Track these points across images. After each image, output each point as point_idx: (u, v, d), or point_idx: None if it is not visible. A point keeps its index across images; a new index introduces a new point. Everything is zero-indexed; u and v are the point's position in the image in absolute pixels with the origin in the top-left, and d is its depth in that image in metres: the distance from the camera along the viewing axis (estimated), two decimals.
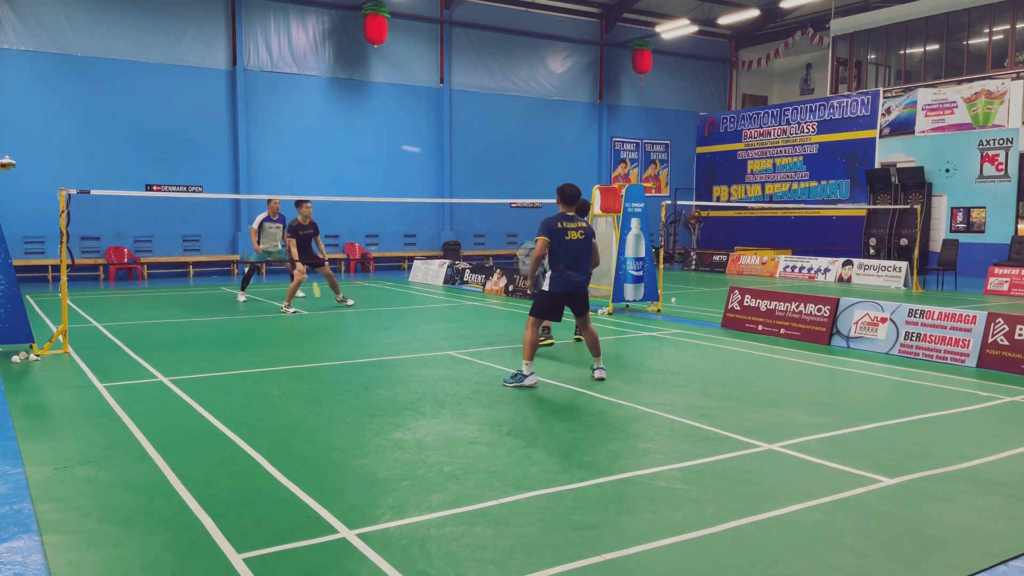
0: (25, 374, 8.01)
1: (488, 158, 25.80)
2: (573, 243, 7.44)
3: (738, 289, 11.55)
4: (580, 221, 7.56)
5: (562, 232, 7.41)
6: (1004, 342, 8.55)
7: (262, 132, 22.04)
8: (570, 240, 7.43)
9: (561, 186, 7.61)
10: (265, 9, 21.99)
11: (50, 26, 19.36)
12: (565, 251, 7.42)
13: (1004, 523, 4.26)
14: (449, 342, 10.07)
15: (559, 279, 7.49)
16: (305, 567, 3.66)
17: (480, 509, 4.35)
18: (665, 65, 29.29)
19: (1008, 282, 16.67)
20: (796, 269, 21.04)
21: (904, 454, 5.43)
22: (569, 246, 7.44)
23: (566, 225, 7.46)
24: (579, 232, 7.47)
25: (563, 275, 7.48)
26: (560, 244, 7.41)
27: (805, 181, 25.81)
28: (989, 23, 22.34)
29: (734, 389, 7.42)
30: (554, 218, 7.50)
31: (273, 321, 12.16)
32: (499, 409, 6.58)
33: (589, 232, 7.59)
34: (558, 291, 7.50)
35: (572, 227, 7.47)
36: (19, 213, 18.57)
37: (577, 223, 7.52)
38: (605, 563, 3.70)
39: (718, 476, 4.93)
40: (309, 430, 5.96)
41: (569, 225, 7.47)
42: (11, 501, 4.49)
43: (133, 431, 5.86)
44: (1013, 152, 20.69)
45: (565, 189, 7.57)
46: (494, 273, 16.69)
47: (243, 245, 21.79)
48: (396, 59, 23.95)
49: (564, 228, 7.43)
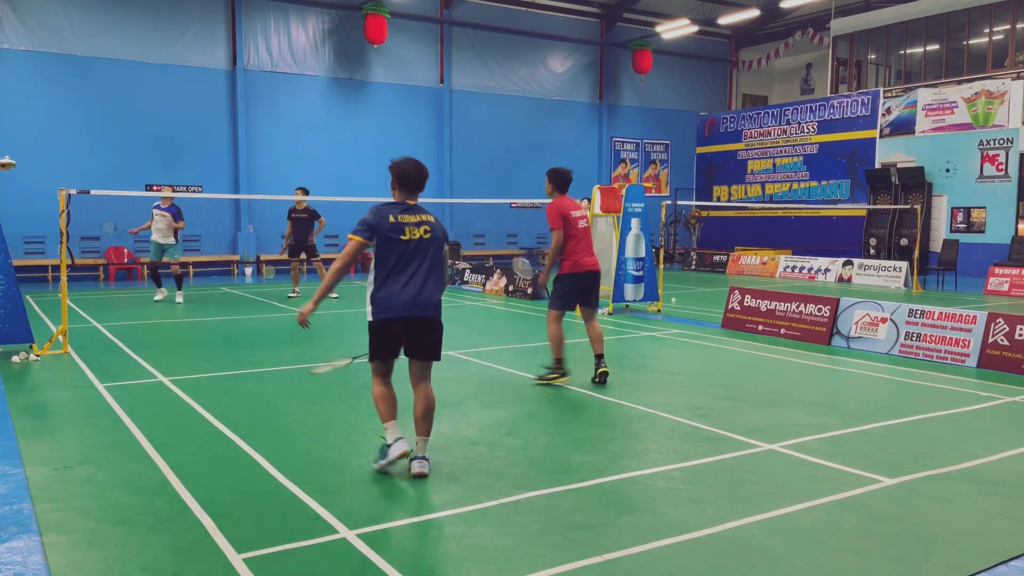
0: (25, 374, 8.01)
1: (488, 158, 25.80)
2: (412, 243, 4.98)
3: (738, 289, 11.54)
4: (425, 213, 5.12)
5: (396, 227, 4.95)
6: (1004, 342, 8.55)
7: (262, 132, 22.04)
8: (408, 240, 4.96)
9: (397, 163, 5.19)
10: (265, 9, 21.99)
11: (50, 26, 19.36)
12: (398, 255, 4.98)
13: (1004, 523, 4.26)
14: (449, 342, 10.02)
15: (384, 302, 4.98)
16: (305, 567, 3.66)
17: (480, 509, 4.35)
18: (665, 65, 29.28)
19: (1008, 282, 16.67)
20: (796, 269, 21.04)
21: (904, 454, 5.42)
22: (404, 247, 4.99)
23: (403, 219, 5.00)
24: (423, 230, 5.01)
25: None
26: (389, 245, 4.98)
27: (805, 181, 25.81)
28: (989, 23, 22.33)
29: (734, 389, 7.41)
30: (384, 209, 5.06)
31: (273, 321, 12.16)
32: (499, 409, 6.58)
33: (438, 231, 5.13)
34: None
35: (413, 221, 5.01)
36: (19, 213, 18.56)
37: (420, 215, 5.08)
38: (605, 563, 3.70)
39: (718, 476, 4.93)
40: (309, 430, 5.96)
41: (408, 219, 5.01)
42: (11, 501, 4.49)
43: (133, 431, 5.86)
44: (1013, 152, 20.69)
45: (404, 166, 5.16)
46: (494, 273, 16.69)
47: (243, 245, 21.80)
48: (396, 59, 23.94)
49: (400, 223, 4.98)
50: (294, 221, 14.88)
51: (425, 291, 4.96)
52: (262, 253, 22.08)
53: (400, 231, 4.92)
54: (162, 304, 14.28)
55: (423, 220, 5.03)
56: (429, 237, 5.01)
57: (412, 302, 4.90)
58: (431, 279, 5.01)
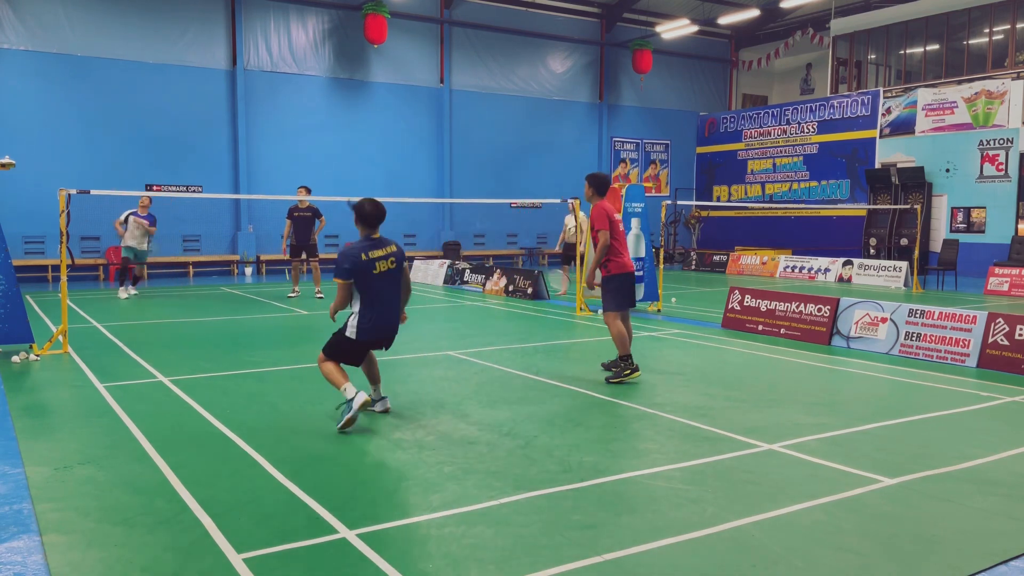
0: (25, 374, 8.01)
1: (488, 158, 25.80)
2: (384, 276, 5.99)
3: (738, 289, 11.54)
4: (388, 245, 6.06)
5: (369, 265, 5.91)
6: (1004, 342, 8.55)
7: (262, 132, 22.04)
8: (379, 274, 5.96)
9: (360, 204, 6.02)
10: (265, 9, 21.99)
11: (50, 26, 19.36)
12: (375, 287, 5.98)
13: (1004, 523, 4.26)
14: (449, 342, 10.06)
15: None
16: (305, 567, 3.66)
17: (480, 509, 4.35)
18: (665, 65, 29.29)
19: (1008, 282, 16.67)
20: (796, 269, 21.04)
21: (904, 454, 5.42)
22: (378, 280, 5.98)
23: (372, 255, 5.94)
24: (389, 261, 6.00)
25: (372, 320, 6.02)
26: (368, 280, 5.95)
27: (805, 181, 25.81)
28: (989, 23, 22.33)
29: (734, 389, 7.41)
30: (357, 248, 5.97)
31: (273, 321, 12.16)
32: (499, 409, 6.58)
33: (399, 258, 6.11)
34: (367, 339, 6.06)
35: (381, 255, 5.96)
36: (19, 213, 18.57)
37: (385, 248, 6.02)
38: (605, 563, 3.70)
39: (718, 476, 4.93)
40: (309, 430, 5.96)
41: (376, 254, 5.95)
42: (11, 501, 4.49)
43: (133, 431, 5.86)
44: (1013, 152, 20.69)
45: (365, 208, 5.99)
46: (494, 273, 16.69)
47: (243, 245, 21.80)
48: (396, 59, 23.95)
49: (371, 259, 5.93)
50: (297, 220, 14.78)
51: (395, 310, 6.12)
52: (262, 253, 22.09)
53: (372, 267, 5.92)
54: (162, 304, 14.28)
55: (389, 252, 6.03)
56: (395, 266, 6.05)
57: (389, 325, 6.09)
58: (398, 298, 6.16)
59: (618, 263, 7.77)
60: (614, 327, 7.75)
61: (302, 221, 14.78)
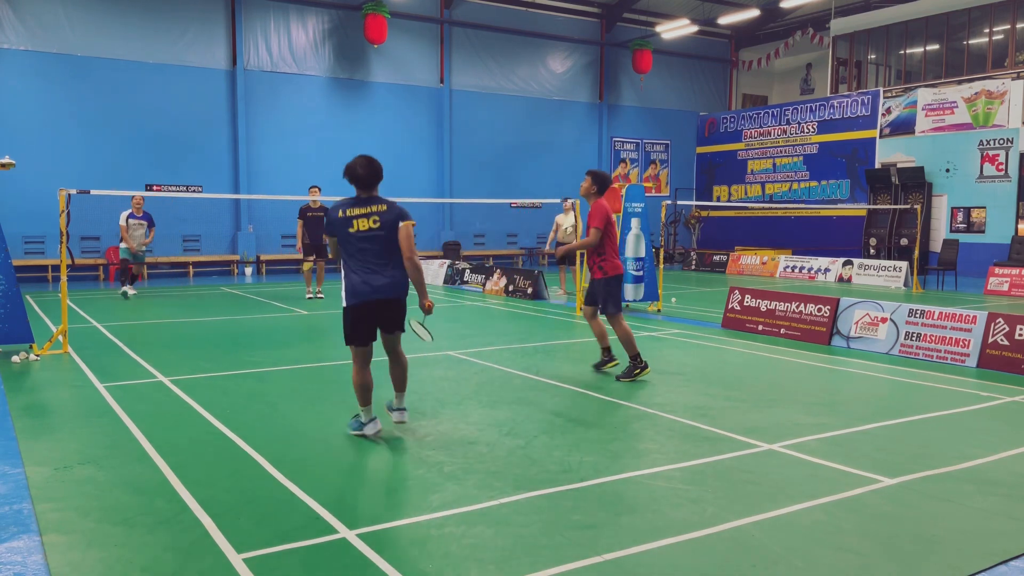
0: (25, 374, 8.01)
1: (488, 158, 25.80)
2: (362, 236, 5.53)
3: (738, 289, 11.54)
4: (376, 204, 5.57)
5: (345, 222, 5.53)
6: (1004, 342, 8.55)
7: (262, 132, 22.04)
8: (355, 233, 5.52)
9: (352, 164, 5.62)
10: (265, 9, 21.99)
11: (50, 26, 19.36)
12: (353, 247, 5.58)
13: (1004, 523, 4.26)
14: (449, 342, 10.06)
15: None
16: (305, 567, 3.66)
17: (480, 509, 4.35)
18: (665, 65, 29.28)
19: (1008, 282, 16.67)
20: (796, 269, 21.04)
21: (904, 454, 5.42)
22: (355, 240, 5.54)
23: (350, 213, 5.54)
24: (372, 220, 5.50)
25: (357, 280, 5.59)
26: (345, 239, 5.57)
27: (805, 181, 25.82)
28: (989, 23, 22.33)
29: (734, 389, 7.41)
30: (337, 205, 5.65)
31: (273, 321, 12.16)
32: (499, 409, 6.58)
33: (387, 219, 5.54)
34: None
35: (360, 213, 5.52)
36: (19, 213, 18.57)
37: (369, 207, 5.55)
38: (605, 563, 3.70)
39: (718, 476, 4.93)
40: (309, 430, 5.96)
41: (355, 212, 5.53)
42: (11, 501, 4.49)
43: (133, 431, 5.86)
44: (1013, 152, 20.69)
45: (356, 169, 5.58)
46: (494, 273, 16.68)
47: (243, 245, 21.80)
48: (396, 59, 23.95)
49: (347, 217, 5.54)
50: (310, 220, 14.56)
51: (385, 275, 5.53)
52: (262, 253, 22.09)
53: (348, 224, 5.49)
54: (162, 304, 14.28)
55: (372, 211, 5.50)
56: (378, 227, 5.48)
57: (373, 288, 5.49)
58: (391, 264, 5.55)
59: (613, 264, 7.88)
60: (619, 328, 7.84)
61: (315, 221, 14.53)
